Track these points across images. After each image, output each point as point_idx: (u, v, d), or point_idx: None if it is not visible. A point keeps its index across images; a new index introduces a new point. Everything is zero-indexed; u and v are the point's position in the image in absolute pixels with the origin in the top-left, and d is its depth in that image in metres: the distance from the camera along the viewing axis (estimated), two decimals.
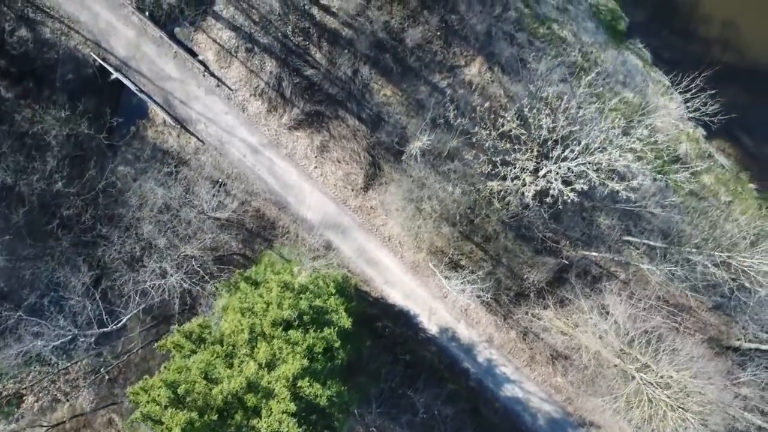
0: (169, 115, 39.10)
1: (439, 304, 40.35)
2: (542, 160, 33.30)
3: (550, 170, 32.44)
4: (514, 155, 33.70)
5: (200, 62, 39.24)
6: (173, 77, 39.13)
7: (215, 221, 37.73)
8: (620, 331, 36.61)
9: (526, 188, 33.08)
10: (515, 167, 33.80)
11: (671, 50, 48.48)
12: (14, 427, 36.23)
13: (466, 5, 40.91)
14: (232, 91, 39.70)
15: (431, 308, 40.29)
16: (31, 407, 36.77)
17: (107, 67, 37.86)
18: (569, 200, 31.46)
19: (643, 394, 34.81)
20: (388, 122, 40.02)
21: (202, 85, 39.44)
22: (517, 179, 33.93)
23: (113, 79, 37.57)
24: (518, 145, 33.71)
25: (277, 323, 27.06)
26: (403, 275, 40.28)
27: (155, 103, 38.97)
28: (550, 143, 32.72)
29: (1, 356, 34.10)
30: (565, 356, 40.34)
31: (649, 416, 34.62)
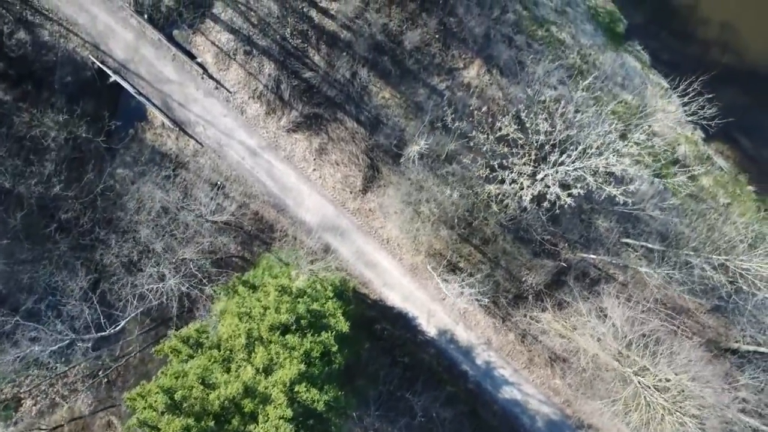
0: (167, 117, 39.08)
1: (437, 306, 40.38)
2: (540, 164, 33.31)
3: (547, 174, 32.46)
4: (511, 159, 33.72)
5: (199, 65, 39.22)
6: (172, 80, 39.11)
7: (213, 224, 37.68)
8: (618, 333, 36.59)
9: (523, 192, 33.10)
10: (513, 171, 33.81)
11: (670, 52, 48.49)
12: (13, 430, 36.23)
13: (464, 8, 40.91)
14: (230, 93, 39.68)
15: (430, 310, 40.31)
16: (29, 411, 36.76)
17: (106, 69, 37.87)
18: (566, 205, 31.51)
19: (641, 397, 34.81)
20: (386, 125, 40.01)
21: (200, 87, 39.42)
22: (514, 183, 33.93)
23: (112, 81, 37.63)
24: (516, 149, 33.73)
25: (274, 327, 27.01)
26: (401, 277, 40.30)
27: (154, 105, 38.94)
28: (547, 147, 32.74)
29: None
30: (563, 359, 40.39)
31: (647, 419, 34.62)
